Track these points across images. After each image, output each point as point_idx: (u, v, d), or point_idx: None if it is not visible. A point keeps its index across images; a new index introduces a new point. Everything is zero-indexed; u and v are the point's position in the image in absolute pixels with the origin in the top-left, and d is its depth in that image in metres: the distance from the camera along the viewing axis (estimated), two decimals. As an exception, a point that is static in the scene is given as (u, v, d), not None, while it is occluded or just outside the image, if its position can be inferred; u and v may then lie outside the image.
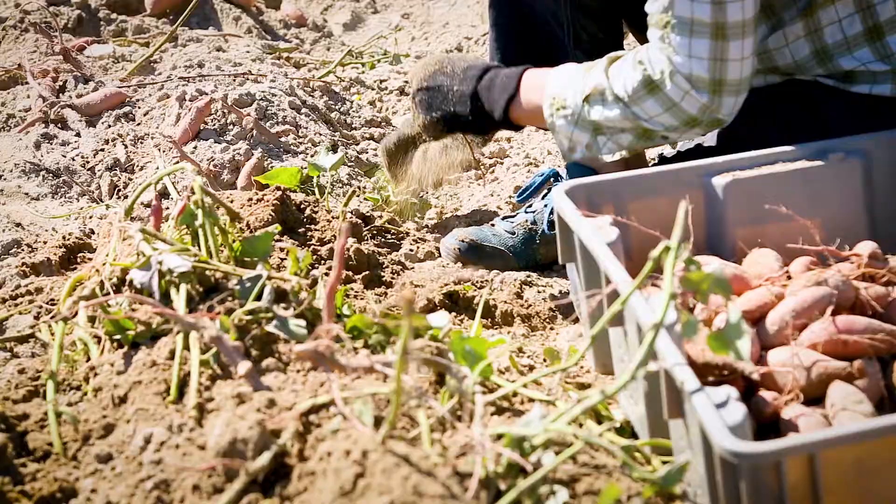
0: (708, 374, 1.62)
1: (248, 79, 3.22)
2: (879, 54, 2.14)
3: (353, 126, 3.30)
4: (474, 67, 2.42)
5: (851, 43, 2.15)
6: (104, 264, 2.00)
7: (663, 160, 2.54)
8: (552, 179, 2.59)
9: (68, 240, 2.50)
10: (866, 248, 1.87)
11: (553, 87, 2.23)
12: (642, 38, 2.63)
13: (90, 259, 2.38)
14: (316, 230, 2.42)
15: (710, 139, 2.35)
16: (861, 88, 2.16)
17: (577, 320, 2.27)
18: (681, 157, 2.40)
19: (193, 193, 2.01)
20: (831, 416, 1.61)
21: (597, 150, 2.18)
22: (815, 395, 1.66)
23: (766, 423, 1.65)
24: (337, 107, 3.34)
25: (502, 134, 3.36)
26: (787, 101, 2.23)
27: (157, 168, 2.79)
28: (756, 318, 1.77)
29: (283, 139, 2.96)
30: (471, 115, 2.40)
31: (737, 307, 1.54)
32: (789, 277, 1.86)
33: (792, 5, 2.15)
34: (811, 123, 2.18)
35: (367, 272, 2.41)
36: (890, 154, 2.04)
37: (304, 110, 3.16)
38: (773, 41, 2.19)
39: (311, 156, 2.90)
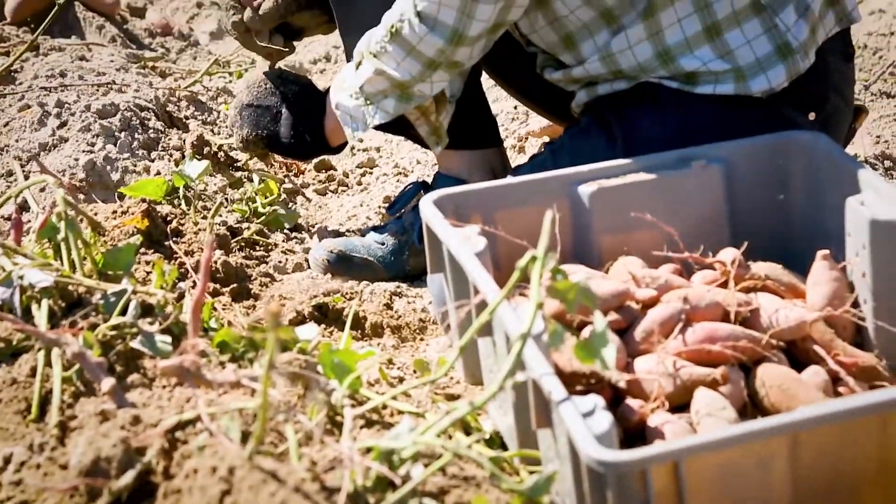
0: (576, 383, 1.63)
1: (111, 89, 3.17)
2: (719, 52, 2.18)
3: (221, 136, 3.27)
4: (304, 95, 2.61)
5: (692, 42, 2.18)
6: (-38, 280, 1.95)
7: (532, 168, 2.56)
8: (422, 191, 2.59)
9: (-75, 254, 2.43)
10: (729, 255, 1.91)
11: (339, 77, 2.42)
12: (499, 81, 2.69)
13: (-52, 274, 2.32)
14: (183, 243, 2.39)
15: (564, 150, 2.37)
16: (704, 89, 2.20)
17: (447, 330, 2.27)
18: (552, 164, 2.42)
19: (55, 206, 1.97)
20: (696, 423, 1.63)
21: (368, 118, 2.34)
22: (680, 403, 1.68)
23: (634, 432, 1.66)
24: (203, 117, 3.31)
25: (371, 143, 3.36)
26: (636, 105, 2.26)
27: (17, 181, 2.73)
28: (623, 327, 1.80)
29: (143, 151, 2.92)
30: (293, 139, 2.58)
31: (602, 316, 1.55)
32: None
33: (630, 10, 2.19)
34: (660, 128, 2.22)
35: (235, 285, 2.38)
36: (749, 161, 2.08)
37: (170, 120, 3.12)
38: (616, 45, 2.22)
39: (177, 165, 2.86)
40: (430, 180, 2.66)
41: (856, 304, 1.87)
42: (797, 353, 1.79)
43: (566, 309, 1.52)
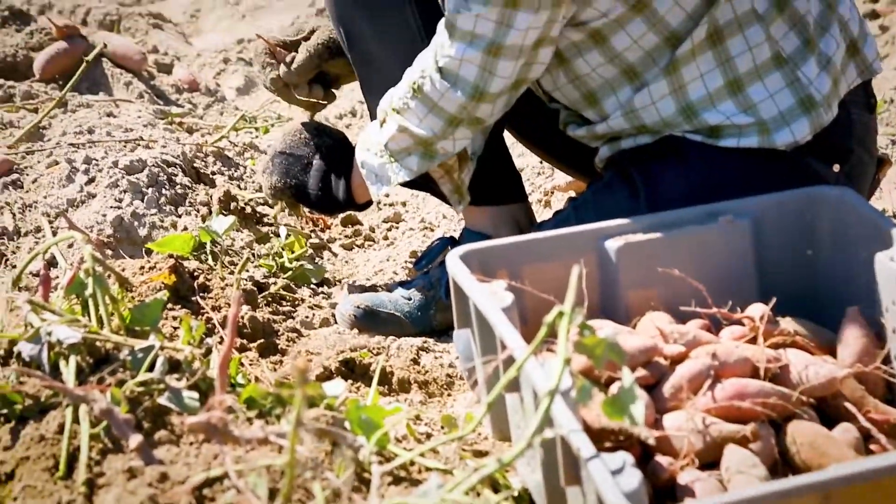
0: (604, 439, 1.63)
1: (139, 145, 3.19)
2: (742, 106, 2.18)
3: (248, 191, 3.28)
4: (337, 149, 2.61)
5: (715, 97, 2.19)
6: (-9, 336, 1.96)
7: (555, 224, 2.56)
8: (449, 246, 2.59)
9: (-46, 310, 2.44)
10: (757, 310, 1.90)
11: (364, 135, 2.43)
12: (521, 139, 2.70)
13: (-24, 330, 2.33)
14: (210, 298, 2.40)
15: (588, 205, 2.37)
16: (728, 142, 2.20)
17: (474, 386, 2.27)
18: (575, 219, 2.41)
19: (83, 262, 1.98)
20: (726, 481, 1.62)
21: (392, 175, 2.35)
22: (710, 460, 1.67)
23: (663, 489, 1.65)
24: (230, 172, 3.32)
25: (398, 198, 3.37)
26: (659, 159, 2.26)
27: (45, 237, 2.74)
28: (651, 383, 1.79)
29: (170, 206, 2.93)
30: (320, 192, 2.58)
31: (630, 372, 1.55)
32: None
33: (653, 66, 2.20)
34: (684, 181, 2.22)
35: (262, 340, 2.38)
36: (776, 216, 2.07)
37: (197, 175, 3.14)
38: (639, 101, 2.23)
39: (204, 221, 2.87)
40: (456, 235, 2.66)
41: (886, 361, 1.86)
42: (828, 409, 1.78)
43: (594, 365, 1.52)
